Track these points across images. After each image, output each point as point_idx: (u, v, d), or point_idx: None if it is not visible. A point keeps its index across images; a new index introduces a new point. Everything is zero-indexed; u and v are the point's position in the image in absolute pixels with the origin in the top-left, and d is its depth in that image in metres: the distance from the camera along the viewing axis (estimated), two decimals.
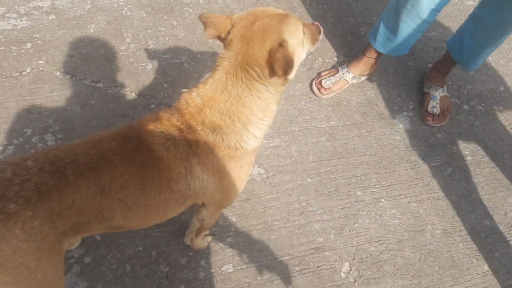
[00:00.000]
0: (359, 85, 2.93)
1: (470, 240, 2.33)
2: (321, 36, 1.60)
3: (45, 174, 1.24)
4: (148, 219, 1.50)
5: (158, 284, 1.96)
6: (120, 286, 1.93)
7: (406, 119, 2.81)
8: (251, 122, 1.43)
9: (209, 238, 2.07)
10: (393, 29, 2.49)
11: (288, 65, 1.30)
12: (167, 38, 2.94)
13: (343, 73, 2.80)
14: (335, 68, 2.87)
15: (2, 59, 2.59)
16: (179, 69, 2.79)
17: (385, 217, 2.34)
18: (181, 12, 3.12)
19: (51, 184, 1.23)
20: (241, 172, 1.53)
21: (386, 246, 2.24)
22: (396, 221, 2.34)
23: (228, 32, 1.42)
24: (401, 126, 2.77)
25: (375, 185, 2.46)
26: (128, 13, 3.03)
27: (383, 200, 2.41)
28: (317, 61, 3.02)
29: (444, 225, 2.36)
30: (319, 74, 2.88)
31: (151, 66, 2.75)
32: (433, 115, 2.76)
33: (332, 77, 2.79)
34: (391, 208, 2.38)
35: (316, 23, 1.61)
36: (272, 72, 1.35)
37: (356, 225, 2.29)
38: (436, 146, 2.70)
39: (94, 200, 1.30)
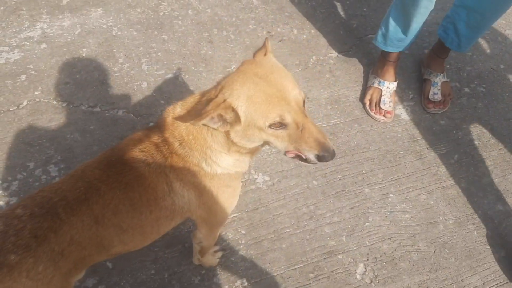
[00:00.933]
0: (356, 79, 2.90)
1: (484, 227, 2.30)
2: (314, 157, 1.33)
3: (37, 218, 1.25)
4: (144, 239, 1.53)
5: None
6: None
7: (407, 109, 2.77)
8: (209, 148, 1.41)
9: (220, 254, 2.06)
10: (404, 31, 2.50)
11: (200, 115, 1.26)
12: (159, 53, 2.93)
13: (387, 87, 2.69)
14: (371, 88, 2.73)
15: None
16: (174, 83, 2.78)
17: (396, 213, 2.31)
18: (171, 25, 3.11)
19: (46, 227, 1.24)
20: (219, 193, 1.52)
21: (400, 243, 2.22)
22: (407, 216, 2.31)
23: (243, 64, 1.40)
24: (402, 117, 2.73)
25: (382, 180, 2.43)
26: (118, 33, 3.03)
27: (391, 195, 2.38)
28: (311, 60, 2.99)
29: (456, 215, 2.33)
30: (364, 103, 2.73)
31: (146, 84, 2.74)
32: (434, 102, 2.72)
33: (381, 97, 2.68)
34: (401, 202, 2.35)
35: (330, 145, 1.31)
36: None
37: (367, 224, 2.27)
38: (440, 133, 2.66)
39: (90, 232, 1.31)
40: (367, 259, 2.15)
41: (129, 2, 3.23)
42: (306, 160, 1.35)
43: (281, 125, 1.28)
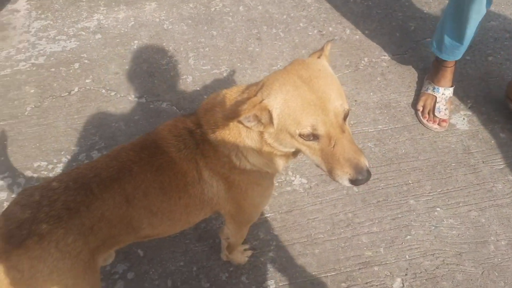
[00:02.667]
0: (410, 84, 2.74)
1: None
2: (346, 180, 1.20)
3: (71, 192, 1.27)
4: (173, 225, 1.51)
5: None
6: None
7: (464, 118, 2.57)
8: (241, 142, 1.36)
9: (249, 253, 2.01)
10: (458, 38, 2.36)
11: (236, 112, 1.21)
12: (207, 49, 2.93)
13: (442, 93, 2.54)
14: (425, 94, 2.58)
15: (52, 80, 2.72)
16: (219, 79, 2.77)
17: (441, 228, 2.15)
18: (221, 21, 3.11)
19: (79, 200, 1.26)
20: (248, 190, 1.47)
21: (443, 260, 2.05)
22: (454, 232, 2.13)
23: (293, 63, 1.34)
24: (458, 126, 2.54)
25: (429, 192, 2.27)
26: (170, 27, 3.07)
27: (438, 209, 2.21)
28: (362, 61, 2.86)
29: (510, 236, 2.12)
30: (417, 110, 2.58)
31: (191, 79, 2.75)
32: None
33: (436, 104, 2.52)
34: (448, 217, 2.18)
35: (364, 165, 1.19)
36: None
37: (408, 237, 2.12)
38: (499, 147, 2.45)
39: (121, 210, 1.31)
40: (406, 274, 2.00)
41: None
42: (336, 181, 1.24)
43: (313, 136, 1.19)
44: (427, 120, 2.52)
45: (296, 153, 1.43)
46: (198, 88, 2.70)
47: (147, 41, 2.97)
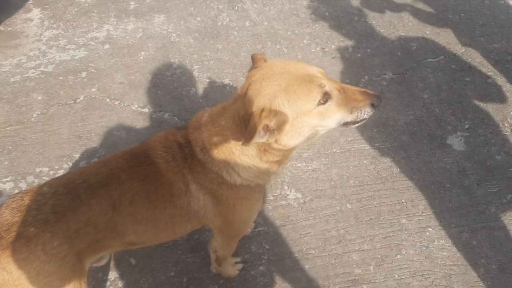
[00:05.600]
0: (408, 104, 2.77)
1: None
2: (370, 107, 1.37)
3: (59, 196, 1.32)
4: (158, 234, 1.54)
5: None
6: None
7: (461, 139, 2.59)
8: (233, 159, 1.40)
9: (240, 266, 2.04)
10: None
11: (248, 134, 1.24)
12: (211, 62, 3.00)
13: None
14: None
15: (59, 88, 2.80)
16: (222, 92, 2.83)
17: (432, 248, 2.16)
18: (227, 35, 3.18)
19: (66, 205, 1.31)
20: (237, 205, 1.50)
21: (432, 281, 2.06)
22: (444, 253, 2.15)
23: (251, 73, 1.40)
24: (454, 147, 2.56)
25: (422, 212, 2.29)
26: (176, 39, 3.15)
27: (430, 229, 2.23)
28: (363, 79, 2.90)
29: (501, 259, 2.13)
30: None
31: (194, 90, 2.82)
32: None
33: None
34: (440, 238, 2.19)
35: (373, 92, 1.39)
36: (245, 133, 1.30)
37: (398, 256, 2.14)
38: (494, 169, 2.46)
39: (107, 216, 1.36)
40: None
41: (191, 11, 3.36)
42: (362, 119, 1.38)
43: (327, 95, 1.30)
44: None
45: (289, 155, 1.46)
46: (200, 100, 2.77)
47: (153, 53, 3.05)
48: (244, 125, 1.30)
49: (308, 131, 1.34)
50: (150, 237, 1.52)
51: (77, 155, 2.46)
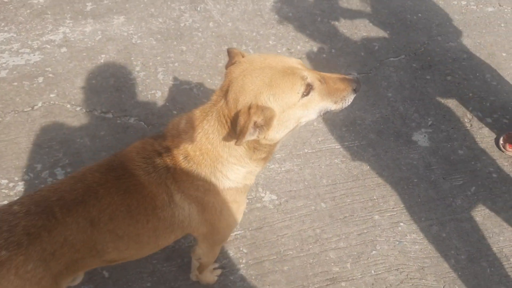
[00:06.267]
0: (374, 102, 2.83)
1: (499, 265, 2.17)
2: (352, 94, 1.40)
3: (32, 216, 1.23)
4: (141, 249, 1.48)
5: None
6: None
7: (425, 136, 2.68)
8: (221, 162, 1.37)
9: (219, 272, 2.01)
10: None
11: (240, 133, 1.23)
12: (176, 64, 2.93)
13: None
14: None
15: (15, 95, 2.63)
16: (189, 95, 2.77)
17: (405, 243, 2.22)
18: (191, 37, 3.12)
19: (40, 225, 1.22)
20: (224, 209, 1.47)
21: (407, 275, 2.11)
22: (416, 247, 2.21)
23: (230, 70, 1.38)
24: (419, 143, 2.64)
25: (393, 208, 2.35)
26: (138, 41, 3.05)
27: (402, 224, 2.29)
28: None
29: (470, 250, 2.22)
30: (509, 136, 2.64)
31: (160, 94, 2.74)
32: None
33: None
34: (411, 232, 2.26)
35: (350, 76, 1.43)
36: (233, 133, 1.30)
37: (374, 252, 2.18)
38: (458, 163, 2.56)
39: (85, 235, 1.28)
40: None
41: (151, 12, 3.26)
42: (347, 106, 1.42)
43: (309, 87, 1.31)
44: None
45: (274, 148, 1.46)
46: (167, 104, 2.69)
47: (114, 55, 2.93)
48: (232, 125, 1.26)
49: (294, 123, 1.35)
50: (132, 253, 1.45)
51: (38, 166, 2.32)
